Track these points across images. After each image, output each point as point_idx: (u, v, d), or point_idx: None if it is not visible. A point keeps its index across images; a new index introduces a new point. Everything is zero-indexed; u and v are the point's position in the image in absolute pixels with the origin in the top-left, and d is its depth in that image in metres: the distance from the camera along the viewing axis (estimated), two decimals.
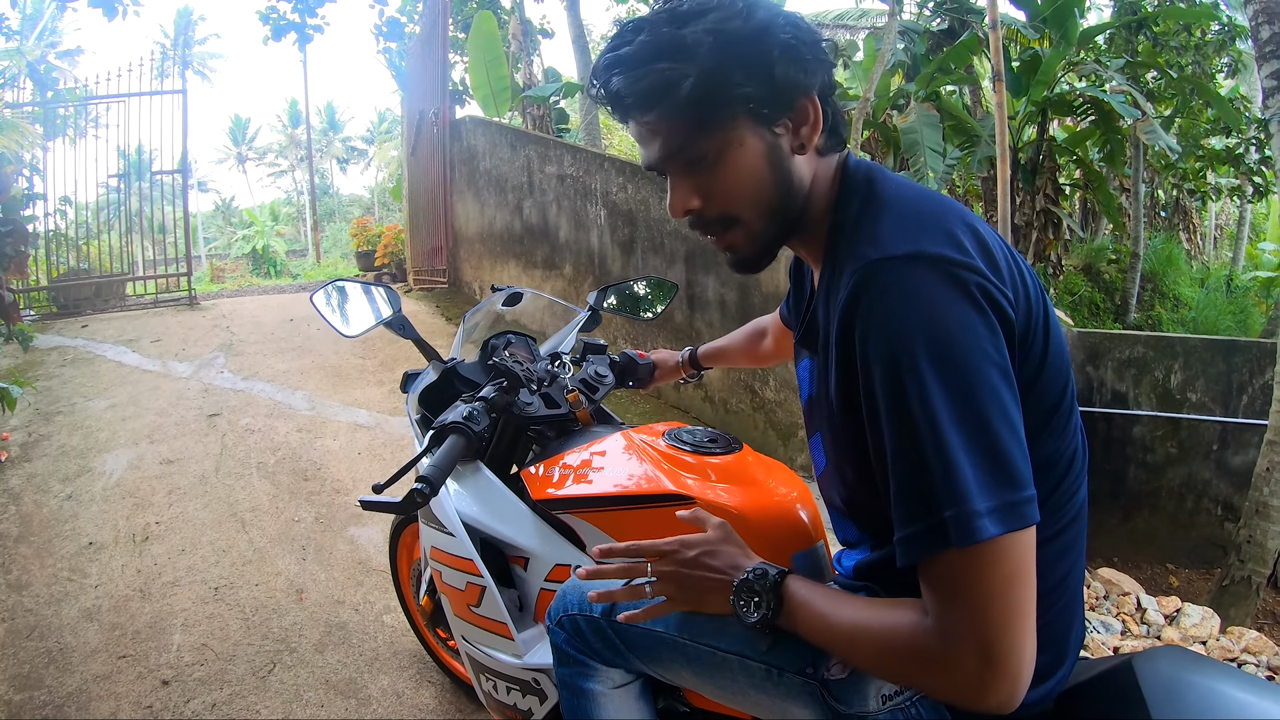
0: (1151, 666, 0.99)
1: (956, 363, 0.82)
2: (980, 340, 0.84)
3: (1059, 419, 0.98)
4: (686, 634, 1.18)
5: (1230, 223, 16.20)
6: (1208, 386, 5.39)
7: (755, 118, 0.96)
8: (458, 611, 1.77)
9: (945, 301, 0.84)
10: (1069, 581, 1.03)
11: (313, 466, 4.17)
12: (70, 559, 3.29)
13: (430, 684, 2.59)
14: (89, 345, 6.22)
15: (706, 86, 0.93)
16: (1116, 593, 3.76)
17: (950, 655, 0.83)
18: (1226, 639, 3.44)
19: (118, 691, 2.54)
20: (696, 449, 1.53)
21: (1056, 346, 0.97)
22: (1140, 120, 7.90)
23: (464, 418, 1.51)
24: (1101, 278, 10.47)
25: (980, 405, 0.82)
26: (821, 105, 0.98)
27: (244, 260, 30.33)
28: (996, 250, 0.92)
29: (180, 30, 37.16)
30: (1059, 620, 1.02)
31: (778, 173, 0.99)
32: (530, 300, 2.24)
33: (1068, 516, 1.01)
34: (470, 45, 9.84)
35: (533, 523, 1.64)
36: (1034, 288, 0.95)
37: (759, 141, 0.97)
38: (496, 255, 7.50)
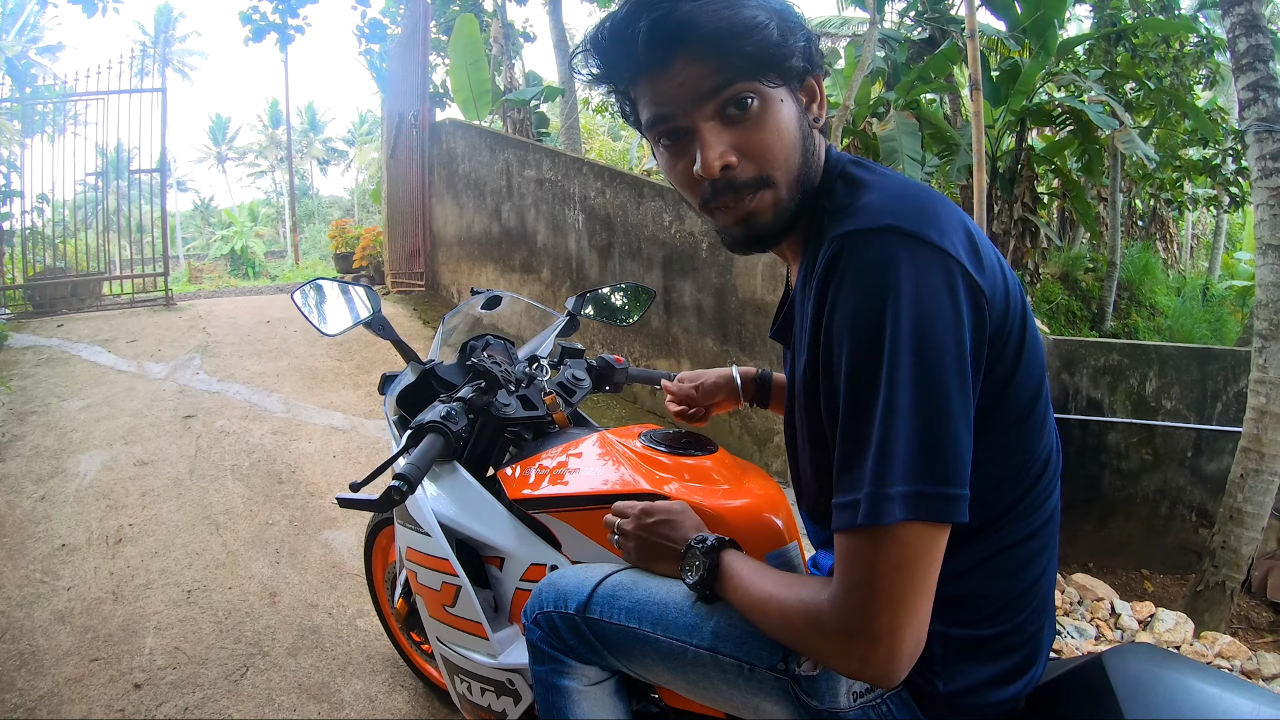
0: (1122, 663, 1.00)
1: (919, 344, 0.81)
2: (947, 326, 0.82)
3: (1033, 422, 0.98)
4: (661, 630, 1.18)
5: (1207, 232, 16.43)
6: (1183, 394, 5.45)
7: (799, 79, 0.98)
8: (433, 612, 1.76)
9: (917, 279, 0.83)
10: (1040, 584, 1.04)
11: (287, 469, 4.14)
12: (43, 560, 3.25)
13: (403, 688, 2.57)
14: (64, 345, 6.15)
15: (782, 33, 0.93)
16: (1090, 598, 3.79)
17: (837, 625, 0.86)
18: (1200, 644, 3.47)
19: (89, 695, 2.51)
20: (673, 450, 1.55)
21: (1032, 351, 0.96)
22: (1118, 130, 7.99)
23: (442, 417, 1.52)
24: (1079, 286, 10.57)
25: (933, 392, 0.81)
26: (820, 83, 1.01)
27: (222, 261, 30.16)
28: (982, 245, 0.92)
29: (161, 27, 36.88)
30: (1030, 622, 1.03)
31: (805, 139, 0.99)
32: (509, 304, 2.24)
33: (1039, 520, 1.01)
34: (452, 48, 9.81)
35: (509, 522, 1.64)
36: (1014, 289, 0.95)
37: (794, 104, 0.98)
38: (475, 259, 7.48)
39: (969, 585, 0.98)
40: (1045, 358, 1.04)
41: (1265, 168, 3.98)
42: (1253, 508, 4.16)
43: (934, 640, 0.95)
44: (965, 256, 0.86)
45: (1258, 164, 4.02)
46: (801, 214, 1.02)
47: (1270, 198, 3.96)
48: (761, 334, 4.58)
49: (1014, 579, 0.99)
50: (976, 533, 0.96)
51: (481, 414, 1.70)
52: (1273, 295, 3.99)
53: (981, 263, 0.88)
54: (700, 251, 4.89)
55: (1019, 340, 0.93)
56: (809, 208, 1.01)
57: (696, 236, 4.90)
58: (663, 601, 1.19)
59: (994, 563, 0.98)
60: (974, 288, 0.85)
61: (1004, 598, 1.00)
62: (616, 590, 1.26)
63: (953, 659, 0.98)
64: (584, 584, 1.30)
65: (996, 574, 0.99)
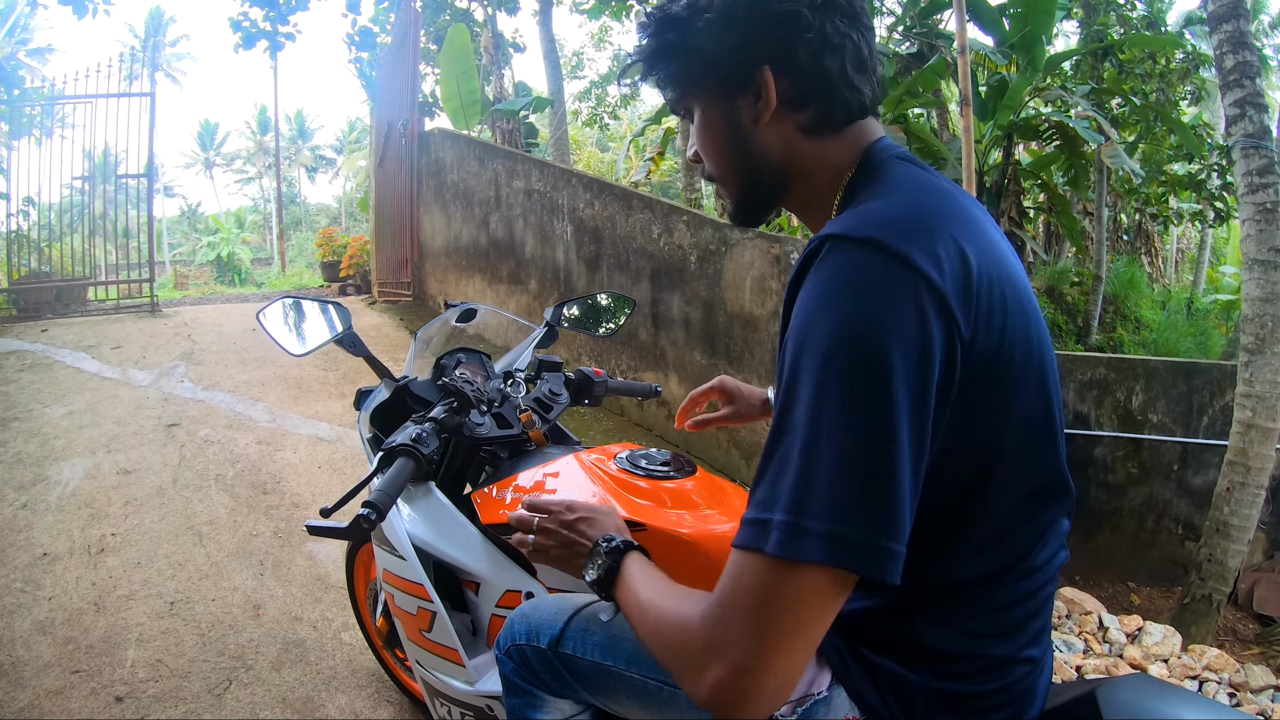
0: (1115, 696, 0.98)
1: (866, 368, 0.75)
2: (900, 352, 0.76)
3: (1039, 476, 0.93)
4: (635, 668, 1.17)
5: (1191, 247, 16.55)
6: (1169, 408, 5.48)
7: (715, 89, 1.00)
8: (410, 636, 1.74)
9: (879, 300, 0.77)
10: (1040, 640, 1.00)
11: (272, 480, 4.10)
12: (24, 570, 3.20)
13: (389, 703, 2.54)
14: (48, 350, 6.09)
15: (691, 52, 0.98)
16: (1079, 611, 3.80)
17: (704, 640, 0.81)
18: (1188, 656, 3.48)
19: (70, 707, 2.46)
20: (650, 473, 1.53)
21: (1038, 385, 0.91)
22: (1104, 145, 8.05)
23: (413, 439, 1.48)
24: (1064, 300, 10.62)
25: (873, 426, 0.75)
26: (784, 80, 0.95)
27: (208, 267, 29.99)
28: (978, 271, 0.82)
29: (151, 31, 36.73)
30: (1023, 681, 0.97)
31: (735, 144, 1.01)
32: (485, 316, 2.22)
33: (1044, 578, 0.97)
34: (442, 58, 9.81)
35: (483, 546, 1.62)
36: (1014, 320, 0.86)
37: (713, 113, 1.01)
38: (462, 269, 7.47)
39: (966, 644, 0.93)
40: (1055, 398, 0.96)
41: (1251, 183, 4.01)
42: (1239, 520, 4.18)
43: (915, 690, 0.92)
44: (950, 284, 0.79)
45: (1244, 180, 4.06)
46: (779, 202, 1.06)
47: (1256, 213, 3.99)
48: (750, 348, 4.57)
49: (1013, 640, 0.94)
50: (980, 587, 0.92)
51: (454, 434, 1.67)
52: (1258, 310, 4.02)
53: (969, 286, 0.81)
54: (689, 264, 4.89)
55: (1019, 372, 0.87)
56: (823, 195, 1.00)
57: (685, 249, 4.90)
58: (636, 638, 1.16)
59: (995, 620, 0.93)
60: (948, 319, 0.78)
61: (1000, 657, 0.94)
62: (590, 625, 1.24)
63: (934, 711, 0.93)
64: (557, 618, 1.28)
65: (996, 635, 0.94)
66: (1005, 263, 0.88)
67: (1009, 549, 0.92)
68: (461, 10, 11.83)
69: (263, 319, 1.86)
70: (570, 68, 18.47)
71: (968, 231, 0.85)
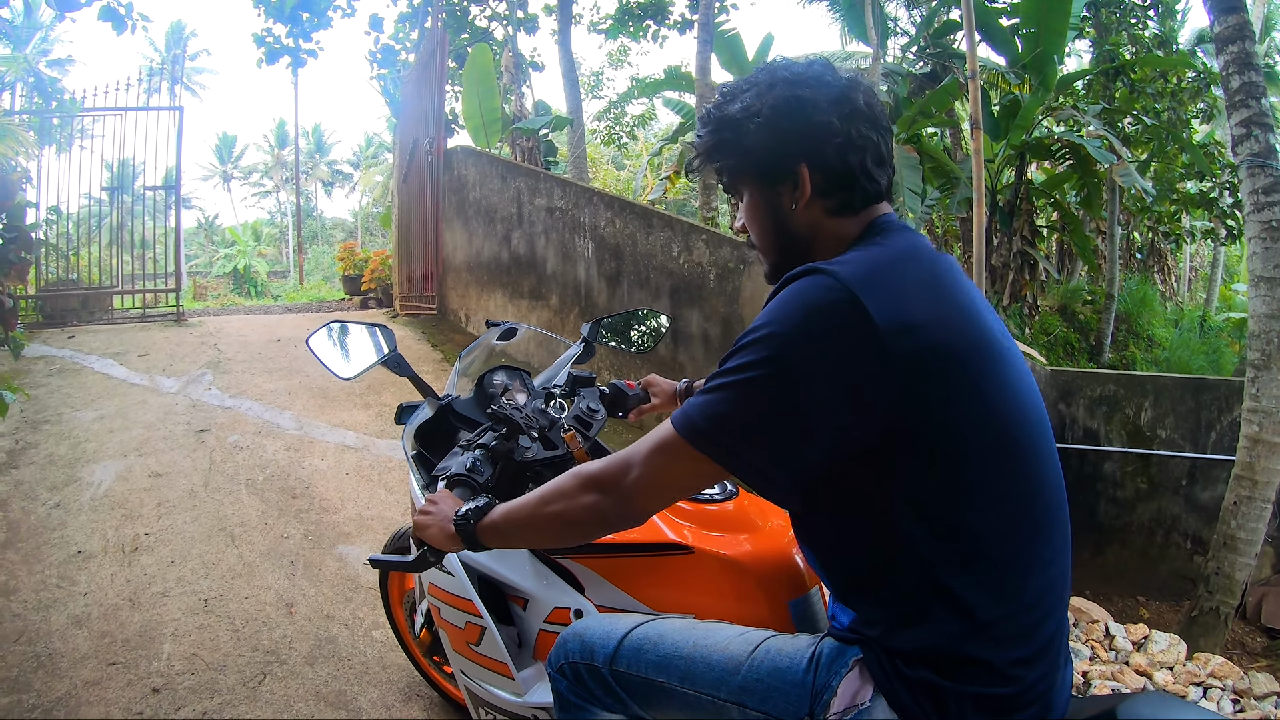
0: (1135, 713, 1.02)
1: (787, 351, 1.00)
2: (822, 348, 0.99)
3: (1015, 480, 1.06)
4: (689, 684, 1.25)
5: (1205, 265, 16.56)
6: (1177, 423, 5.53)
7: (762, 179, 1.21)
8: (457, 648, 1.81)
9: (817, 308, 1.00)
10: (1055, 641, 1.10)
11: (301, 485, 4.21)
12: (59, 566, 3.31)
13: (419, 698, 2.63)
14: (76, 356, 6.23)
15: (744, 151, 1.21)
16: (1086, 620, 3.86)
17: (613, 474, 1.13)
18: (1193, 664, 3.54)
19: (107, 697, 2.57)
20: (698, 498, 1.60)
21: (986, 414, 1.05)
22: (1115, 164, 8.11)
23: (467, 469, 1.56)
24: (1077, 318, 10.66)
25: (773, 387, 1.00)
26: (817, 174, 1.16)
27: (225, 279, 30.22)
28: (923, 299, 1.04)
29: (172, 45, 37.09)
30: (1042, 681, 1.08)
31: (775, 222, 1.22)
32: (524, 335, 2.30)
33: (1048, 578, 1.09)
34: (465, 76, 9.98)
35: (531, 565, 1.69)
36: (957, 336, 1.04)
37: (757, 197, 1.23)
38: (484, 284, 7.58)
39: (990, 653, 1.03)
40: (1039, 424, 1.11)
41: (1258, 202, 4.09)
42: (1246, 534, 4.23)
43: (948, 695, 1.03)
44: (885, 319, 0.98)
45: (1250, 198, 4.14)
46: (803, 263, 1.19)
47: (1262, 231, 4.07)
48: None
49: (1029, 644, 1.06)
50: (998, 604, 1.04)
51: (504, 459, 1.72)
52: (1265, 326, 4.09)
53: (901, 307, 1.01)
54: (708, 281, 4.99)
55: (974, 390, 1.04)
56: None
57: (704, 267, 5.00)
58: (689, 655, 1.27)
59: (1006, 626, 1.04)
60: (876, 344, 0.98)
61: (1018, 658, 1.05)
62: (643, 644, 1.32)
63: (966, 712, 1.03)
64: (610, 636, 1.36)
65: (1010, 639, 1.05)
66: (962, 320, 1.07)
67: (1016, 573, 1.06)
68: (481, 29, 12.01)
69: (312, 345, 1.95)
70: (589, 87, 18.62)
71: (932, 297, 1.06)
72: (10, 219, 2.80)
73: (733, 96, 1.21)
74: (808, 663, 1.15)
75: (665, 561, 1.49)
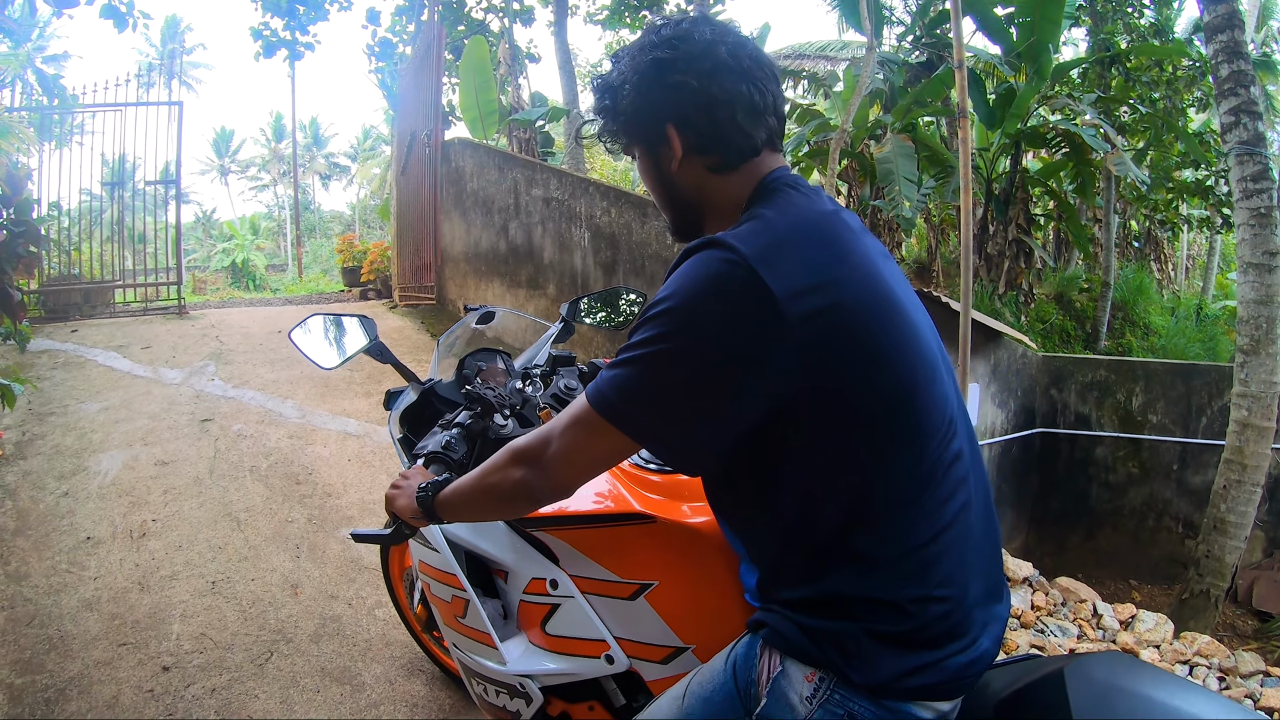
0: (1083, 674, 1.03)
1: (689, 324, 1.03)
2: (721, 320, 1.02)
3: (911, 428, 1.09)
4: None
5: (1202, 253, 16.58)
6: (1168, 409, 5.61)
7: (642, 142, 1.25)
8: (446, 621, 1.90)
9: (716, 282, 1.03)
10: (957, 579, 1.11)
11: (304, 471, 4.28)
12: (68, 552, 3.39)
13: (421, 673, 2.71)
14: (79, 350, 6.29)
15: (617, 113, 1.25)
16: (1074, 600, 3.92)
17: (528, 448, 1.20)
18: (1180, 643, 3.60)
19: (119, 676, 2.64)
20: (663, 469, 1.65)
21: (893, 362, 1.08)
22: (1110, 153, 8.16)
23: (443, 447, 1.62)
24: (1073, 306, 10.70)
25: (678, 360, 1.04)
26: (686, 134, 1.19)
27: (223, 273, 30.27)
28: (819, 263, 1.06)
29: (168, 39, 37.04)
30: (953, 613, 1.09)
31: (662, 184, 1.27)
32: (502, 317, 2.37)
33: (941, 522, 1.10)
34: (461, 68, 10.01)
35: (509, 539, 1.75)
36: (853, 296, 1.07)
37: (644, 160, 1.27)
38: (482, 274, 7.64)
39: (880, 591, 1.07)
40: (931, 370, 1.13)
41: (1246, 189, 4.15)
42: (1235, 517, 4.29)
43: (845, 637, 1.07)
44: (782, 288, 1.01)
45: (1239, 185, 4.20)
46: (700, 223, 1.27)
47: (1251, 218, 4.13)
48: None
49: (922, 579, 1.08)
50: (870, 530, 1.08)
51: (480, 437, 1.77)
52: (1253, 312, 4.15)
53: (796, 275, 1.03)
54: None
55: (872, 353, 1.06)
56: (731, 219, 1.20)
57: None
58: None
59: (900, 565, 1.07)
60: (775, 313, 1.01)
61: (914, 598, 1.07)
62: None
63: (869, 652, 1.06)
64: None
65: (904, 577, 1.07)
66: (859, 278, 1.09)
67: (910, 515, 1.09)
68: (478, 21, 12.04)
69: (294, 338, 2.03)
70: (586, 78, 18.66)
71: (830, 261, 1.08)
72: (18, 213, 2.86)
73: (615, 62, 1.26)
74: (730, 674, 1.19)
75: (630, 531, 1.53)
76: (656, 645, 1.52)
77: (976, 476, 1.18)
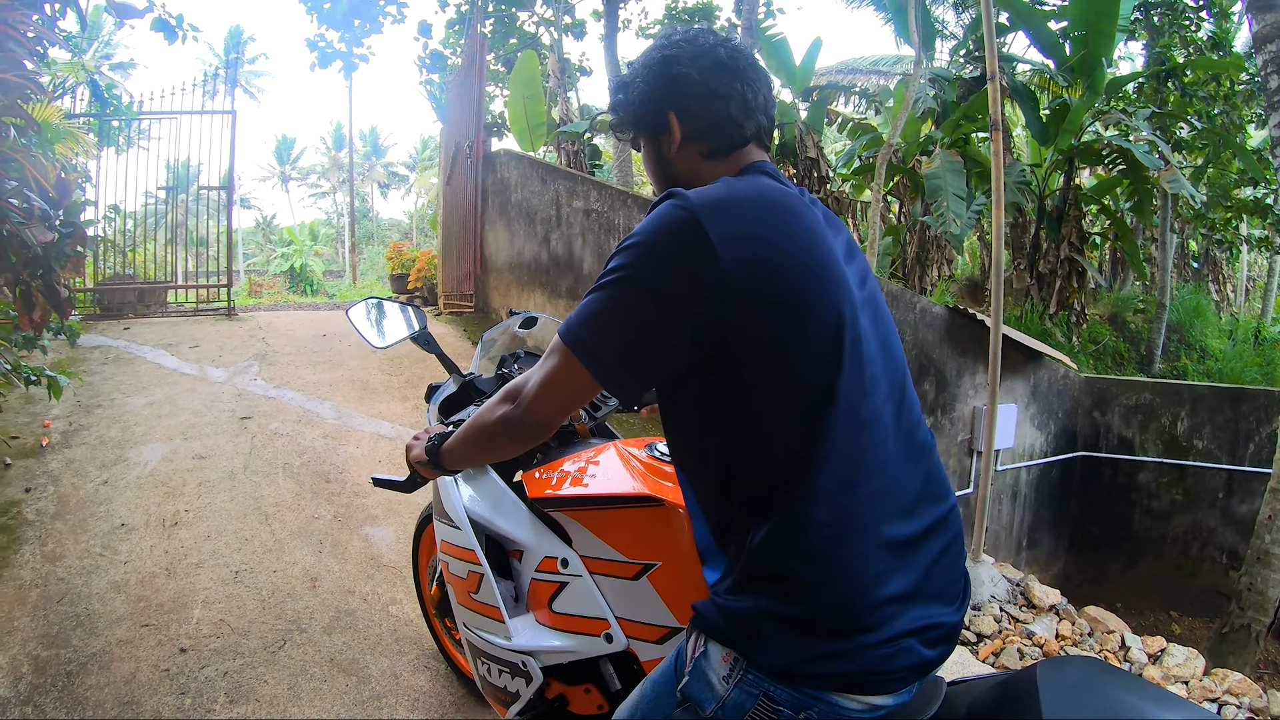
0: (1056, 674, 1.04)
1: (637, 260, 1.13)
2: (662, 257, 1.12)
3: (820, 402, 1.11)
4: None
5: (1262, 273, 16.06)
6: (1214, 434, 5.43)
7: (647, 130, 1.38)
8: (460, 599, 1.96)
9: (673, 229, 1.12)
10: (868, 570, 1.09)
11: (335, 470, 4.36)
12: (102, 537, 3.50)
13: (426, 669, 2.75)
14: (130, 347, 6.49)
15: (622, 107, 1.41)
16: (1101, 630, 3.81)
17: (508, 391, 1.29)
18: (1210, 679, 3.48)
19: (138, 655, 2.73)
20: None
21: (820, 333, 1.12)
22: (1164, 170, 7.97)
23: (469, 416, 1.70)
24: (1127, 328, 10.46)
25: (626, 297, 1.13)
26: (685, 121, 1.31)
27: (281, 277, 30.96)
28: (758, 221, 1.14)
29: (230, 49, 38.08)
30: (858, 600, 1.08)
31: (661, 168, 1.39)
32: (544, 324, 2.44)
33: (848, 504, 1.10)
34: (512, 81, 10.18)
35: (528, 518, 1.83)
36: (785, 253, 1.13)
37: (647, 147, 1.40)
38: (524, 284, 7.72)
39: (776, 563, 1.10)
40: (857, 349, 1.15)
41: None
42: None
43: (750, 616, 1.10)
44: (719, 235, 1.10)
45: None
46: None
47: None
48: None
49: (823, 560, 1.08)
50: (766, 501, 1.11)
51: None
52: None
53: (745, 234, 1.12)
54: None
55: (795, 314, 1.12)
56: None
57: None
58: None
59: (797, 541, 1.09)
60: (709, 256, 1.09)
61: (809, 580, 1.08)
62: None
63: (768, 634, 1.09)
64: None
65: (802, 553, 1.09)
66: (795, 240, 1.16)
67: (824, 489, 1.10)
68: (529, 34, 12.21)
69: (350, 315, 2.17)
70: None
71: (771, 221, 1.16)
72: (67, 215, 2.97)
73: (630, 66, 1.42)
74: (673, 658, 1.25)
75: (638, 513, 1.60)
76: (654, 625, 1.58)
77: (919, 482, 1.19)
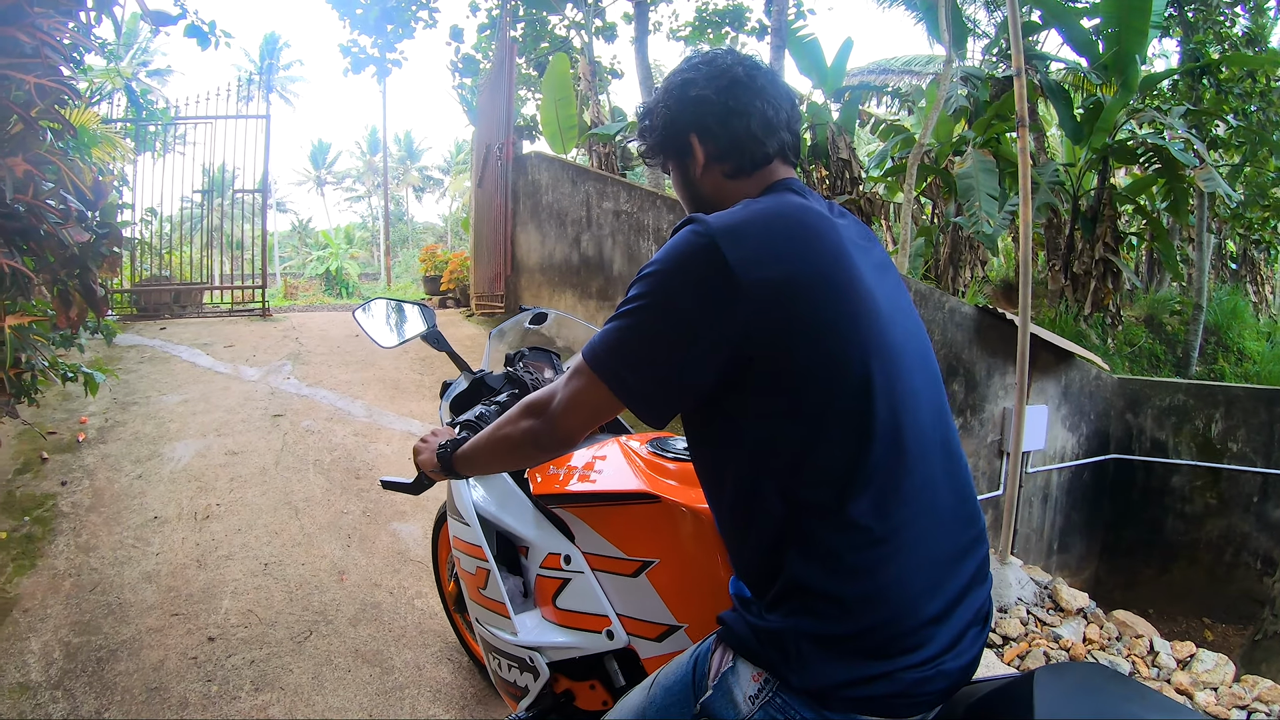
0: (1051, 682, 1.02)
1: (657, 287, 1.14)
2: (683, 283, 1.12)
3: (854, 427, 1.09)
4: None
5: None
6: (1250, 436, 5.33)
7: (673, 153, 1.39)
8: (471, 595, 1.99)
9: (691, 255, 1.12)
10: (904, 591, 1.09)
11: (365, 467, 4.43)
12: (136, 529, 3.58)
13: (449, 662, 2.78)
14: (165, 346, 6.63)
15: (648, 134, 1.42)
16: (1130, 634, 3.75)
17: (536, 403, 1.30)
18: (1240, 686, 3.40)
19: (167, 643, 2.80)
20: (677, 457, 1.72)
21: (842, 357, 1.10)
22: (1198, 168, 7.83)
23: (476, 416, 1.78)
24: (1163, 329, 10.29)
25: (648, 319, 1.14)
26: (707, 143, 1.32)
27: (317, 280, 31.35)
28: (779, 243, 1.13)
29: (265, 55, 38.57)
30: (894, 624, 1.07)
31: (688, 190, 1.40)
32: (555, 320, 2.46)
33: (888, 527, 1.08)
34: (544, 84, 10.25)
35: (533, 515, 1.86)
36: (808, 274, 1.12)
37: (674, 170, 1.41)
38: (555, 285, 7.77)
39: (817, 581, 1.07)
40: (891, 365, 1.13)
41: None
42: None
43: (788, 637, 1.07)
44: (738, 258, 1.10)
45: None
46: None
47: None
48: None
49: (868, 577, 1.07)
50: (805, 521, 1.09)
51: None
52: None
53: (759, 258, 1.11)
54: None
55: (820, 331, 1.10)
56: None
57: None
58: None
59: (841, 560, 1.07)
60: (729, 280, 1.09)
61: (852, 598, 1.06)
62: None
63: (807, 655, 1.06)
64: None
65: (846, 572, 1.07)
66: (818, 261, 1.14)
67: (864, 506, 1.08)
68: (560, 38, 12.29)
69: (357, 317, 2.19)
70: None
71: (790, 240, 1.15)
72: (103, 216, 3.05)
73: (656, 91, 1.43)
74: (690, 666, 1.22)
75: (637, 510, 1.61)
76: (653, 622, 1.58)
77: (955, 499, 1.18)
